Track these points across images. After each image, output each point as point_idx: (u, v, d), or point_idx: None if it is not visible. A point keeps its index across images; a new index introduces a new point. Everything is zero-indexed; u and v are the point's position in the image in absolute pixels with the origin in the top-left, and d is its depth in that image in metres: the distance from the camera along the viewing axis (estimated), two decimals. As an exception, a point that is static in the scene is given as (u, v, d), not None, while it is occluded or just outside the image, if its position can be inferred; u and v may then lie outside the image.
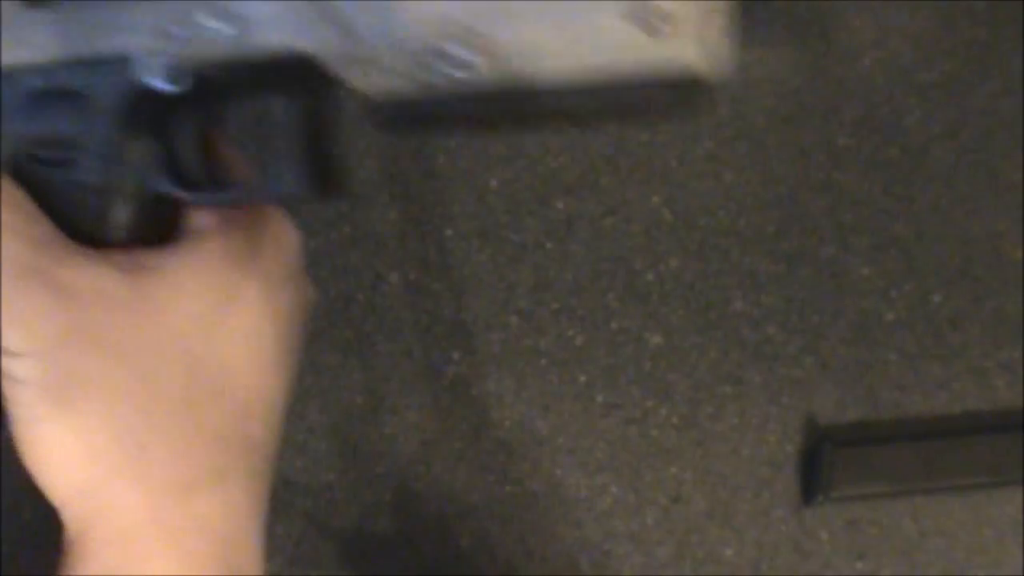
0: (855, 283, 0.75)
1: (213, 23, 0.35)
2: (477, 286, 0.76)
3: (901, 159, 0.76)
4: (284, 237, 0.40)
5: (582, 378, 0.75)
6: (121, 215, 0.38)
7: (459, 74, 0.32)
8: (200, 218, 0.38)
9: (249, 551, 0.36)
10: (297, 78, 0.36)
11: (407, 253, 0.77)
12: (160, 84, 0.36)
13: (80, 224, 0.37)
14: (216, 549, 0.35)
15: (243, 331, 0.37)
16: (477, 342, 0.76)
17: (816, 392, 0.74)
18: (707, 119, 0.76)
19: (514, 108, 0.32)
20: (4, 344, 0.33)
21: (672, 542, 0.75)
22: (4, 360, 0.33)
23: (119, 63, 0.37)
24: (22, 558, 0.71)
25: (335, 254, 0.77)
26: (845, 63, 0.77)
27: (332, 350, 0.77)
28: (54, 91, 0.38)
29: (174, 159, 0.39)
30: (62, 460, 0.33)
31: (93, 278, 0.34)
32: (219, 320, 0.36)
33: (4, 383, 0.34)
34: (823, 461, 0.72)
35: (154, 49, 0.36)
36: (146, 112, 0.38)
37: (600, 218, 0.76)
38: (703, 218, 0.76)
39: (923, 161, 0.76)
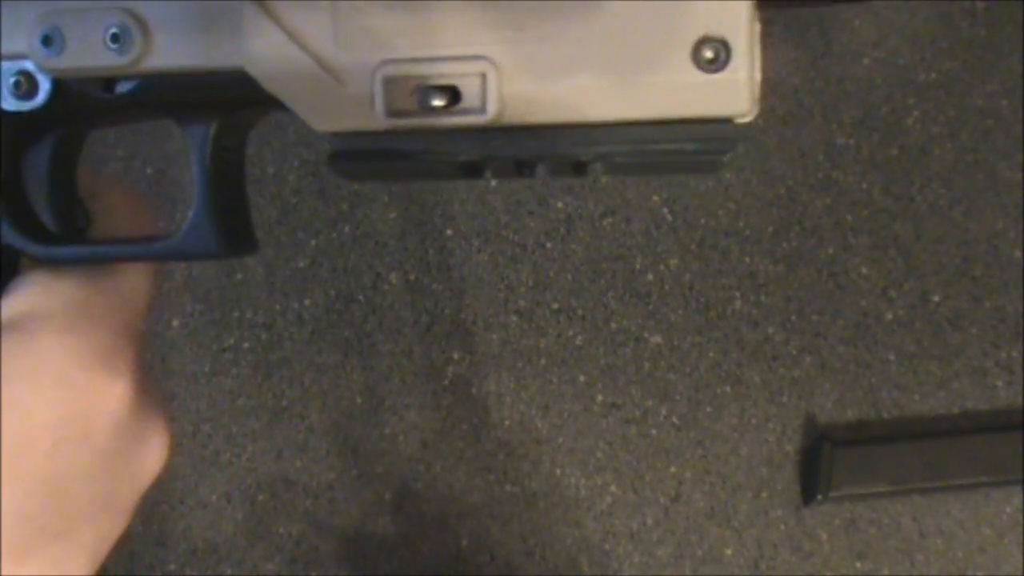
0: (855, 283, 0.75)
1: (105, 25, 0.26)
2: (477, 286, 0.76)
3: (901, 159, 0.76)
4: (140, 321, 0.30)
5: (582, 378, 0.76)
6: None
7: (460, 119, 0.25)
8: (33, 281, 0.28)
9: None
10: (204, 103, 0.28)
11: (407, 253, 0.77)
12: (8, 101, 0.27)
13: None
14: None
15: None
16: (477, 342, 0.76)
17: (816, 392, 0.74)
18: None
19: (518, 158, 0.26)
20: None
21: (672, 542, 0.75)
22: None
23: None
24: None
25: (335, 254, 0.77)
26: (845, 63, 0.77)
27: (332, 350, 0.77)
28: None
29: (20, 201, 0.29)
30: None
31: None
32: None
33: None
34: (823, 461, 0.72)
35: (15, 54, 0.27)
36: None
37: (600, 218, 0.76)
38: (703, 218, 0.76)
39: (923, 161, 0.76)
